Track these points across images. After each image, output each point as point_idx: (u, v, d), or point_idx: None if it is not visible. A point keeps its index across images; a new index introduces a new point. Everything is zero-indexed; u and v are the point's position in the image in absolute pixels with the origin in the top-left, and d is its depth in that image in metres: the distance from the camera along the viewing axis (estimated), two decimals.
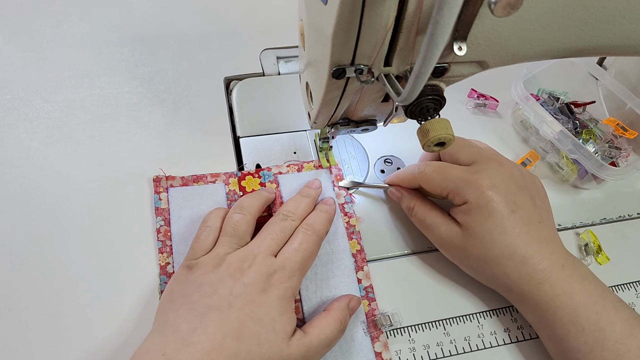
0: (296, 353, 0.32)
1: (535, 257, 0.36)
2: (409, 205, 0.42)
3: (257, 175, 0.45)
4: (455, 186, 0.38)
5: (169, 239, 0.41)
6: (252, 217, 0.38)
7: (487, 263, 0.37)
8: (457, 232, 0.39)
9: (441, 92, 0.30)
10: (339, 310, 0.36)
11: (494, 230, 0.36)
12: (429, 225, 0.40)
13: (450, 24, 0.19)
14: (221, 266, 0.34)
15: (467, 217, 0.38)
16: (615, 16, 0.28)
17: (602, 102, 0.56)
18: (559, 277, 0.36)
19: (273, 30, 0.57)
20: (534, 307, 0.37)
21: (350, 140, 0.50)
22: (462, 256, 0.39)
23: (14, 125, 0.46)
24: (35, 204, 0.42)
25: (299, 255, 0.36)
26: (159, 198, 0.43)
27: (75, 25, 0.54)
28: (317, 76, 0.31)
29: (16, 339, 0.36)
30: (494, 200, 0.37)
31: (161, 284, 0.39)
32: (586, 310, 0.35)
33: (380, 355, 0.38)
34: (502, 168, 0.39)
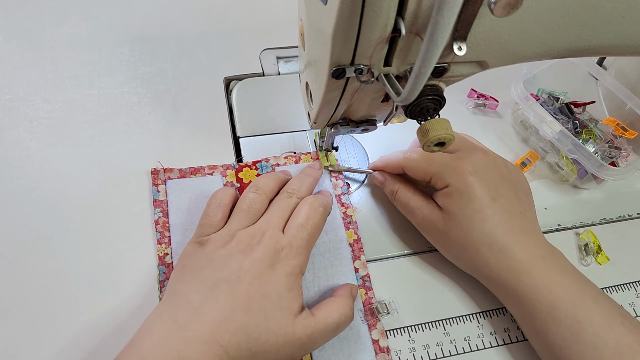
0: (301, 332, 0.33)
1: (514, 247, 0.36)
2: (392, 189, 0.43)
3: (255, 167, 0.46)
4: (437, 170, 0.39)
5: (167, 230, 0.41)
6: (267, 197, 0.39)
7: (466, 249, 0.38)
8: (438, 215, 0.39)
9: (441, 92, 0.30)
10: (346, 297, 0.37)
11: (474, 216, 0.37)
12: (412, 209, 0.41)
13: (450, 24, 0.19)
14: (231, 242, 0.35)
15: (448, 200, 0.38)
16: (615, 16, 0.28)
17: (602, 102, 0.56)
18: (538, 268, 0.36)
19: (273, 30, 0.57)
20: (514, 300, 0.37)
21: (350, 140, 0.50)
22: (443, 240, 0.40)
23: (13, 125, 0.46)
24: (35, 203, 0.42)
25: (306, 231, 0.36)
26: (157, 190, 0.43)
27: (75, 25, 0.54)
28: (317, 76, 0.31)
29: (16, 338, 0.36)
30: (475, 186, 0.37)
31: (160, 274, 0.39)
32: (564, 304, 0.34)
33: (378, 342, 0.38)
34: (486, 156, 0.40)
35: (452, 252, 0.40)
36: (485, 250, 0.37)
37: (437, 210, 0.39)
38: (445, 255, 0.41)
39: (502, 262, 0.36)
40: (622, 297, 0.43)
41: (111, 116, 0.48)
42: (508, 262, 0.36)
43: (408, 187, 0.42)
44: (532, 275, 0.36)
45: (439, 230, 0.39)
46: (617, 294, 0.43)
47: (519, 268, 0.36)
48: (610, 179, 0.45)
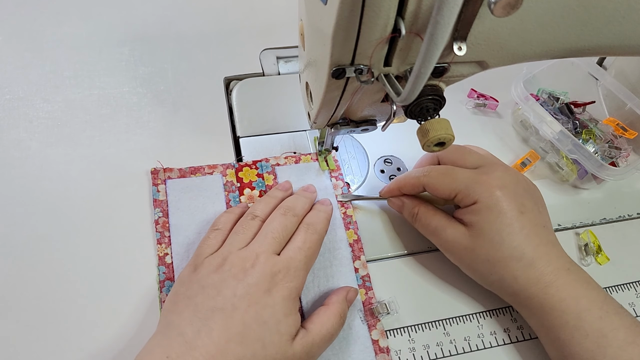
0: (300, 352, 0.33)
1: (543, 259, 0.36)
2: (412, 212, 0.42)
3: (255, 166, 0.46)
4: (464, 187, 0.38)
5: (167, 230, 0.41)
6: (263, 222, 0.38)
7: (495, 265, 0.37)
8: (464, 233, 0.38)
9: (441, 92, 0.30)
10: (338, 303, 0.36)
11: (504, 230, 0.36)
12: (435, 229, 0.40)
13: (450, 24, 0.19)
14: (224, 266, 0.34)
15: (477, 217, 0.37)
16: (615, 16, 0.28)
17: (602, 102, 0.56)
18: (565, 281, 0.36)
19: (273, 30, 0.57)
20: (539, 311, 0.36)
21: (350, 140, 0.50)
22: (470, 258, 0.38)
23: (14, 125, 0.46)
24: (35, 203, 0.42)
25: (303, 253, 0.36)
26: (157, 190, 0.43)
27: (75, 25, 0.54)
28: (317, 76, 0.31)
29: (16, 338, 0.36)
30: (504, 200, 0.37)
31: (160, 274, 0.39)
32: (591, 316, 0.34)
33: (377, 342, 0.38)
34: (509, 171, 0.39)
35: (478, 270, 0.39)
36: (514, 265, 0.36)
37: (462, 228, 0.38)
38: (470, 274, 0.40)
39: (531, 276, 0.36)
40: (622, 297, 0.43)
41: (111, 116, 0.48)
42: (537, 276, 0.36)
43: (428, 207, 0.41)
44: (559, 287, 0.35)
45: (465, 248, 0.38)
46: (617, 294, 0.43)
47: (547, 280, 0.36)
48: (610, 179, 0.45)
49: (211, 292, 0.33)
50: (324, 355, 0.37)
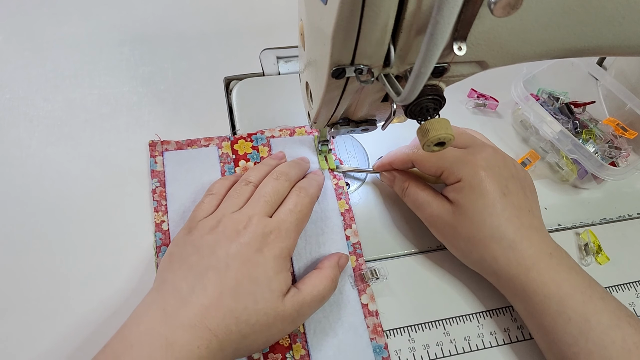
0: (290, 309, 0.34)
1: (524, 242, 0.36)
2: (402, 186, 0.42)
3: (250, 139, 0.47)
4: (450, 164, 0.38)
5: (164, 199, 0.43)
6: (255, 186, 0.39)
7: (475, 244, 0.38)
8: (448, 209, 0.39)
9: (441, 92, 0.30)
10: (330, 268, 0.38)
11: (485, 210, 0.37)
12: (421, 204, 0.41)
13: (450, 24, 0.19)
14: (218, 228, 0.35)
15: (459, 195, 0.38)
16: (615, 16, 0.28)
17: (602, 102, 0.56)
18: (546, 265, 0.36)
19: (273, 30, 0.57)
20: (521, 295, 0.37)
21: (350, 140, 0.50)
22: (452, 235, 0.39)
23: (14, 124, 0.46)
24: (35, 203, 0.42)
25: (294, 215, 0.37)
26: (155, 161, 0.45)
27: (75, 25, 0.54)
28: (317, 76, 0.31)
29: (16, 338, 0.36)
30: (487, 181, 0.37)
31: (156, 240, 0.41)
32: (573, 300, 0.34)
33: (367, 307, 0.39)
34: (497, 153, 0.40)
35: (460, 248, 0.40)
36: (494, 245, 0.37)
37: (447, 205, 0.39)
38: (453, 251, 0.41)
39: (511, 257, 0.36)
40: (622, 297, 0.43)
41: (111, 115, 0.48)
42: (517, 258, 0.36)
43: (418, 183, 0.42)
44: (540, 271, 0.36)
45: (448, 224, 0.39)
46: (617, 294, 0.43)
47: (527, 263, 0.36)
48: (611, 179, 0.45)
49: (205, 252, 0.34)
50: (315, 317, 0.38)
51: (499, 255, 0.37)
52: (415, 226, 0.45)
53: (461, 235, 0.38)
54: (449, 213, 0.39)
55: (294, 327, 0.36)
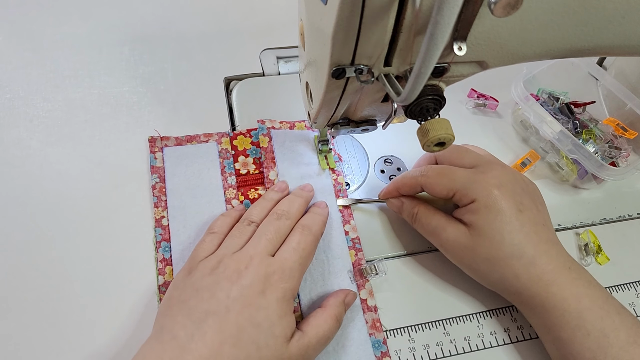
0: (296, 354, 0.33)
1: (544, 258, 0.36)
2: (411, 212, 0.41)
3: (249, 134, 0.48)
4: (462, 186, 0.38)
5: (163, 195, 0.43)
6: (257, 226, 0.38)
7: (496, 263, 0.37)
8: (464, 232, 0.38)
9: (441, 92, 0.30)
10: (335, 306, 0.37)
11: (504, 229, 0.36)
12: (434, 228, 0.39)
13: (450, 24, 0.19)
14: (218, 269, 0.34)
15: (475, 216, 0.37)
16: (615, 16, 0.28)
17: (602, 102, 0.56)
18: (566, 279, 0.36)
19: (273, 30, 0.57)
20: (540, 310, 0.36)
21: (350, 140, 0.50)
22: (470, 258, 0.38)
23: (14, 124, 0.46)
24: (35, 203, 0.42)
25: (297, 254, 0.36)
26: (154, 157, 0.45)
27: (75, 25, 0.54)
28: (317, 76, 0.31)
29: (16, 337, 0.36)
30: (502, 199, 0.37)
31: (156, 235, 0.41)
32: (592, 315, 0.34)
33: (366, 302, 0.40)
34: (506, 170, 0.39)
35: (479, 270, 0.38)
36: (515, 263, 0.36)
37: (463, 228, 0.38)
38: (471, 274, 0.40)
39: (532, 274, 0.36)
40: (622, 297, 0.43)
41: (111, 115, 0.48)
42: (538, 273, 0.36)
43: (428, 207, 0.41)
44: (560, 285, 0.35)
45: (466, 247, 0.38)
46: (617, 294, 0.43)
47: (548, 279, 0.36)
48: (611, 179, 0.45)
49: (205, 295, 0.32)
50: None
51: (520, 273, 0.36)
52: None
53: (480, 257, 0.37)
54: (465, 236, 0.38)
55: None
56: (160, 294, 0.39)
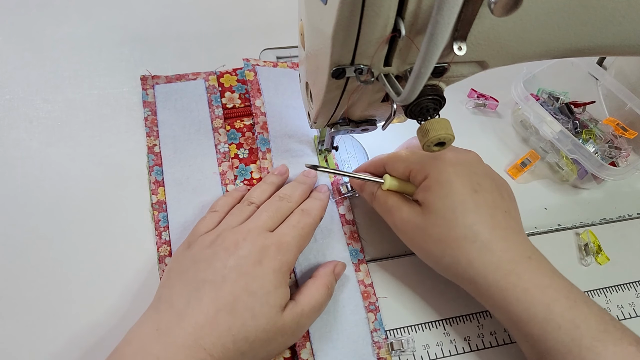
0: (290, 322, 0.33)
1: (501, 244, 0.34)
2: (371, 190, 0.40)
3: (235, 73, 0.51)
4: (418, 162, 0.37)
5: (155, 126, 0.47)
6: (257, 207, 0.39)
7: (447, 245, 0.34)
8: (418, 212, 0.36)
9: (441, 92, 0.30)
10: (326, 276, 0.37)
11: (456, 208, 0.34)
12: (390, 207, 0.38)
13: (450, 24, 0.19)
14: (216, 242, 0.35)
15: (427, 193, 0.35)
16: (615, 16, 0.28)
17: (602, 102, 0.56)
18: (527, 269, 0.33)
19: (273, 30, 0.57)
20: (502, 303, 0.34)
21: (350, 140, 0.50)
22: (421, 238, 0.36)
23: (14, 125, 0.46)
24: (35, 204, 0.42)
25: (296, 231, 0.36)
26: (146, 93, 0.49)
27: (75, 25, 0.54)
28: (317, 76, 0.31)
29: (17, 339, 0.36)
30: (456, 176, 0.35)
31: (149, 161, 0.45)
32: (560, 306, 0.32)
33: (344, 216, 0.44)
34: (469, 153, 0.38)
35: (431, 252, 0.36)
36: (468, 246, 0.34)
37: (417, 207, 0.36)
38: (424, 258, 0.38)
39: (487, 260, 0.33)
40: (622, 297, 0.43)
41: (111, 116, 0.48)
42: (494, 260, 0.33)
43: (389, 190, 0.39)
44: (520, 275, 0.33)
45: (417, 227, 0.36)
46: (617, 294, 0.43)
47: (506, 267, 0.33)
48: (611, 179, 0.45)
49: (202, 265, 0.33)
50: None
51: (474, 257, 0.34)
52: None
53: (432, 237, 0.35)
54: (418, 215, 0.36)
55: (294, 340, 0.35)
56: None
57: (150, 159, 0.45)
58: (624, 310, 0.43)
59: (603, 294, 0.43)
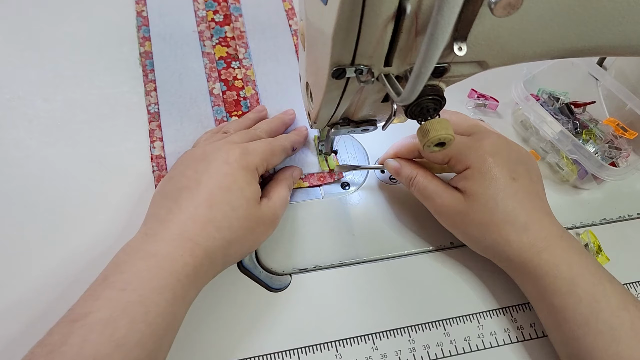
0: (267, 212, 0.37)
1: (536, 225, 0.37)
2: (410, 175, 0.42)
3: None
4: (457, 152, 0.38)
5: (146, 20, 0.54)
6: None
7: (489, 229, 0.38)
8: (459, 199, 0.38)
9: (441, 92, 0.30)
10: (287, 179, 0.42)
11: (497, 195, 0.37)
12: (431, 193, 0.40)
13: (450, 24, 0.19)
14: (186, 157, 0.38)
15: (470, 182, 0.38)
16: (615, 16, 0.28)
17: (602, 102, 0.56)
18: (558, 246, 0.37)
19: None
20: (532, 277, 0.37)
21: (350, 140, 0.50)
22: (464, 223, 0.39)
23: (13, 124, 0.46)
24: (35, 203, 0.42)
25: (265, 145, 0.39)
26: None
27: (75, 25, 0.54)
28: (317, 76, 0.31)
29: (19, 341, 0.36)
30: (496, 166, 0.37)
31: (137, 22, 0.52)
32: (584, 281, 0.35)
33: None
34: (501, 139, 0.40)
35: (472, 234, 0.39)
36: (508, 228, 0.37)
37: (458, 194, 0.39)
38: (463, 239, 0.41)
39: (523, 240, 0.37)
40: None
41: (111, 116, 0.48)
42: (530, 240, 0.37)
43: (426, 172, 0.41)
44: (552, 252, 0.36)
45: (460, 213, 0.38)
46: None
47: (540, 245, 0.36)
48: (611, 179, 0.45)
49: (177, 178, 0.36)
50: None
51: (512, 238, 0.37)
52: (415, 226, 0.45)
53: (474, 222, 0.38)
54: (460, 202, 0.38)
55: (272, 230, 0.39)
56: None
57: (139, 22, 0.53)
58: None
59: None
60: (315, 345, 0.38)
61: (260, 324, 0.39)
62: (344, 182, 0.47)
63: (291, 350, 0.38)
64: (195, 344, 0.37)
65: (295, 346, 0.38)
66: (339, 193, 0.46)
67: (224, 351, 0.37)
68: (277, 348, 0.38)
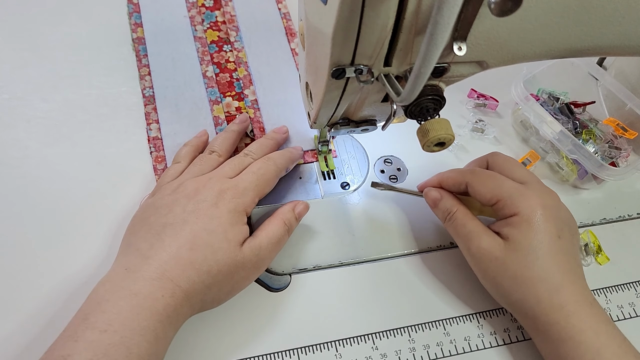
0: (249, 254, 0.35)
1: (570, 287, 0.36)
2: (449, 209, 0.40)
3: None
4: (508, 195, 0.37)
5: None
6: (222, 158, 0.42)
7: (522, 283, 0.36)
8: (499, 244, 0.37)
9: (441, 92, 0.30)
10: (284, 213, 0.39)
11: (540, 249, 0.36)
12: (469, 233, 0.38)
13: (450, 24, 0.19)
14: (178, 189, 0.37)
15: (516, 230, 0.36)
16: (615, 16, 0.28)
17: (602, 102, 0.56)
18: (587, 313, 0.35)
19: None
20: (555, 339, 0.35)
21: (350, 140, 0.50)
22: (497, 271, 0.37)
23: (12, 125, 0.46)
24: (34, 204, 0.42)
25: (254, 176, 0.38)
26: None
27: (74, 25, 0.54)
28: (317, 76, 0.31)
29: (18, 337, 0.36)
30: (545, 220, 0.36)
31: (129, 9, 0.53)
32: (610, 353, 0.34)
33: None
34: (552, 195, 0.39)
35: (503, 286, 0.37)
36: (541, 286, 0.35)
37: (499, 239, 0.37)
38: (492, 289, 0.39)
39: (554, 300, 0.35)
40: (622, 297, 0.43)
41: (110, 116, 0.48)
42: (560, 301, 0.35)
43: (467, 210, 0.39)
44: (581, 317, 0.35)
45: (496, 259, 0.37)
46: (617, 294, 0.43)
47: (570, 309, 0.35)
48: (611, 179, 0.45)
49: (163, 211, 0.36)
50: None
51: (543, 297, 0.35)
52: (415, 226, 0.45)
53: (508, 273, 0.36)
54: (500, 248, 0.37)
55: (257, 274, 0.38)
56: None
57: (130, 9, 0.53)
58: (624, 310, 0.43)
59: (603, 294, 0.43)
60: (315, 345, 0.38)
61: (260, 323, 0.39)
62: (343, 182, 0.46)
63: (291, 350, 0.38)
64: (195, 344, 0.37)
65: (295, 346, 0.38)
66: (339, 193, 0.46)
67: (224, 351, 0.37)
68: (277, 348, 0.38)
